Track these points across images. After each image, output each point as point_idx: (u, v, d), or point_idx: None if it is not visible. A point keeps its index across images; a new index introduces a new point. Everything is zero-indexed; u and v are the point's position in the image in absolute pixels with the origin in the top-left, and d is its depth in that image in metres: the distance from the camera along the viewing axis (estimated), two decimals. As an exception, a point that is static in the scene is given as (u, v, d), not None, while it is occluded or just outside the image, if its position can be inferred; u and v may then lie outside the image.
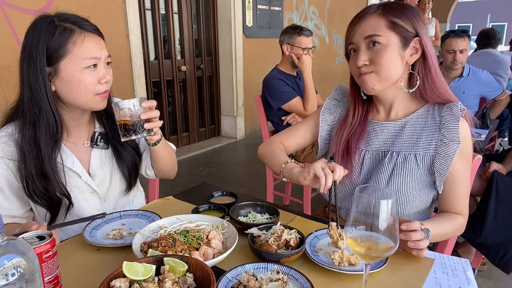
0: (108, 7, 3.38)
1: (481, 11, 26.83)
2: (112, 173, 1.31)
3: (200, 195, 1.40)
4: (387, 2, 1.13)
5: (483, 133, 2.36)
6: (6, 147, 1.13)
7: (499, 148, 4.00)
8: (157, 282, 0.75)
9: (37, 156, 1.11)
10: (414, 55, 1.12)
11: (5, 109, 1.20)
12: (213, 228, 1.04)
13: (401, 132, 1.18)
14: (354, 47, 1.13)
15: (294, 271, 0.87)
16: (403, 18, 1.08)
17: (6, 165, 1.13)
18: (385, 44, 1.07)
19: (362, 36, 1.09)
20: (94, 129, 1.29)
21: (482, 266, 2.30)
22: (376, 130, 1.22)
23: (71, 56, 1.08)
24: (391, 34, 1.08)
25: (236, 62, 5.01)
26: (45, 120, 1.11)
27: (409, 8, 1.11)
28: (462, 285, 0.88)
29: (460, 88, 3.01)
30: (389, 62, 1.08)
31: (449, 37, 2.90)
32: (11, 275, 0.59)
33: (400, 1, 1.13)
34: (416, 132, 1.16)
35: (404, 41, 1.09)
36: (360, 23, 1.11)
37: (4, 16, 2.80)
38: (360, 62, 1.10)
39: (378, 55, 1.08)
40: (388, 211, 0.71)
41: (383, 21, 1.08)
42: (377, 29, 1.08)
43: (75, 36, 1.08)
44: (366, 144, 1.23)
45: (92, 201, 1.27)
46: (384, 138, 1.21)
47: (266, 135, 2.79)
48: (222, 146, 5.05)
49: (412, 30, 1.09)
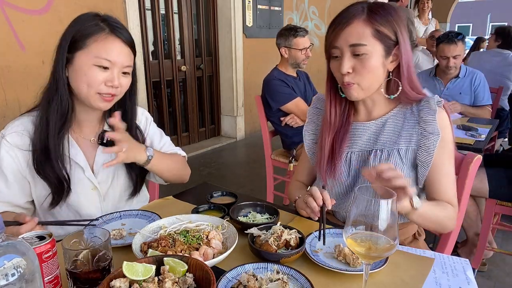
0: (108, 7, 3.38)
1: (481, 11, 26.84)
2: (115, 173, 1.32)
3: (200, 195, 1.40)
4: (373, 4, 1.10)
5: (483, 133, 2.36)
6: (18, 137, 1.17)
7: (499, 148, 4.00)
8: (157, 282, 0.75)
9: (44, 133, 1.16)
10: (394, 62, 1.13)
11: (5, 109, 1.21)
12: (213, 228, 1.04)
13: (382, 130, 1.20)
14: (337, 52, 1.12)
15: (294, 271, 0.87)
16: (388, 26, 1.08)
17: (15, 154, 1.17)
18: (370, 53, 1.08)
19: (348, 43, 1.08)
20: (103, 127, 1.31)
21: (482, 266, 2.30)
22: (358, 130, 1.24)
23: (87, 50, 1.12)
24: (376, 43, 1.08)
25: (236, 62, 5.01)
26: (59, 99, 1.16)
27: (393, 13, 1.10)
28: (462, 285, 0.88)
29: (456, 89, 3.01)
30: (372, 71, 1.10)
31: (442, 42, 2.89)
32: (11, 275, 0.59)
33: (385, 3, 1.13)
34: (397, 128, 1.19)
35: (387, 50, 1.10)
36: (346, 28, 1.09)
37: (4, 16, 2.80)
38: (344, 70, 1.10)
39: (362, 65, 1.09)
40: (388, 211, 0.71)
41: (369, 29, 1.07)
42: (363, 38, 1.07)
43: (100, 35, 1.13)
44: (350, 146, 1.24)
45: (91, 197, 1.28)
46: (367, 137, 1.22)
47: (266, 135, 2.79)
48: (222, 146, 5.05)
49: (394, 38, 1.10)
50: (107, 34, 1.14)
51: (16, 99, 2.88)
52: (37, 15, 2.97)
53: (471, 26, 27.71)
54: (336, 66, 1.14)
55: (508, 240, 2.64)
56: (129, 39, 1.18)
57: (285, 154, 2.82)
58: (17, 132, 1.18)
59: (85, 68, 1.13)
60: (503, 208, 2.06)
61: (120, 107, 1.27)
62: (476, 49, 5.20)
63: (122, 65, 1.16)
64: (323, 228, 1.04)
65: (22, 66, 2.91)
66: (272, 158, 2.83)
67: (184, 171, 1.46)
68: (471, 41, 6.52)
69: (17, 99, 2.89)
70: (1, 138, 1.18)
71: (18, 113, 1.29)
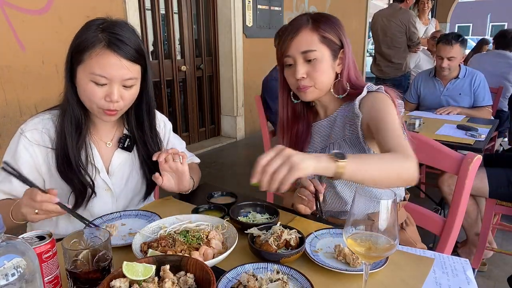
0: (108, 7, 3.38)
1: (481, 11, 26.83)
2: (130, 174, 1.33)
3: (200, 195, 1.41)
4: (315, 15, 1.23)
5: (483, 133, 2.36)
6: (38, 134, 1.19)
7: (499, 148, 4.00)
8: (157, 282, 0.75)
9: (64, 144, 1.18)
10: (341, 65, 1.25)
11: (5, 109, 1.21)
12: (213, 228, 1.04)
13: (334, 125, 1.30)
14: (290, 60, 1.23)
15: (294, 271, 0.87)
16: (331, 32, 1.21)
17: (33, 150, 1.18)
18: (320, 58, 1.20)
19: (299, 50, 1.20)
20: (122, 131, 1.32)
21: (482, 266, 2.30)
22: (316, 130, 1.36)
23: (83, 65, 1.11)
24: (323, 47, 1.20)
25: (236, 62, 5.01)
26: (71, 111, 1.17)
27: (335, 20, 1.24)
28: (462, 285, 0.88)
29: (456, 89, 3.01)
30: (324, 74, 1.22)
31: (440, 41, 2.91)
32: (11, 275, 0.59)
33: (326, 14, 1.26)
34: (344, 121, 1.28)
35: (334, 54, 1.22)
36: (295, 37, 1.20)
37: (4, 16, 2.80)
38: (299, 75, 1.20)
39: (315, 69, 1.20)
40: (388, 211, 0.71)
41: (315, 36, 1.19)
42: (312, 44, 1.19)
43: (95, 50, 1.08)
44: (312, 145, 1.35)
45: (105, 198, 1.29)
46: (323, 134, 1.34)
47: (266, 135, 2.79)
48: (222, 146, 5.05)
49: (339, 42, 1.23)
50: (102, 48, 1.08)
51: (16, 99, 2.88)
52: (37, 15, 2.97)
53: (471, 26, 27.70)
54: (290, 73, 1.25)
55: (508, 240, 2.64)
56: (129, 51, 1.11)
57: (285, 154, 2.81)
58: (37, 129, 1.19)
59: (83, 83, 1.11)
60: (503, 208, 2.06)
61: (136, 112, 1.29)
62: (478, 51, 5.18)
63: (121, 78, 1.11)
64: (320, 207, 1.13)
65: (22, 66, 2.91)
66: (272, 158, 2.83)
67: (198, 178, 1.50)
68: (471, 41, 6.51)
69: (17, 99, 2.88)
70: (20, 134, 1.18)
71: (18, 113, 1.30)
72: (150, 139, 1.33)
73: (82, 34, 1.11)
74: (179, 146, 1.48)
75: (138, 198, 1.39)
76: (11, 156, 1.18)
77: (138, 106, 1.27)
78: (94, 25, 1.12)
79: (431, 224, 1.40)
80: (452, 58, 2.87)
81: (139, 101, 1.25)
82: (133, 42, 1.13)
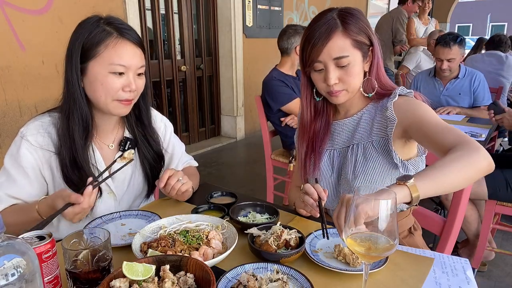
0: (108, 7, 3.38)
1: (481, 11, 26.84)
2: (132, 177, 1.33)
3: (199, 195, 1.40)
4: (343, 14, 1.14)
5: (483, 133, 2.36)
6: (41, 137, 1.18)
7: (499, 148, 4.00)
8: (157, 282, 0.75)
9: (71, 147, 1.17)
10: (369, 63, 1.21)
11: (5, 109, 1.20)
12: (212, 228, 1.04)
13: (358, 125, 1.25)
14: (320, 66, 1.16)
15: (294, 271, 0.87)
16: (362, 34, 1.15)
17: (36, 153, 1.17)
18: (352, 63, 1.15)
19: (331, 57, 1.13)
20: (123, 133, 1.32)
21: (482, 266, 2.30)
22: (337, 129, 1.30)
23: (99, 58, 1.11)
24: (355, 52, 1.15)
25: (236, 62, 5.01)
26: (79, 113, 1.16)
27: (362, 17, 1.17)
28: (462, 284, 0.88)
29: (456, 89, 3.01)
30: (356, 77, 1.17)
31: (439, 44, 2.89)
32: (11, 275, 0.59)
33: (352, 9, 1.18)
34: (370, 122, 1.23)
35: (364, 55, 1.18)
36: (327, 43, 1.12)
37: (4, 16, 2.80)
38: (332, 81, 1.15)
39: (347, 74, 1.15)
40: (388, 211, 0.71)
41: (348, 40, 1.13)
42: (344, 50, 1.13)
43: (110, 40, 1.11)
44: (332, 144, 1.31)
45: (107, 201, 1.29)
46: (346, 134, 1.29)
47: (266, 135, 2.79)
48: (222, 146, 5.05)
49: (369, 41, 1.17)
50: (116, 38, 1.12)
51: (16, 99, 2.88)
52: (37, 15, 2.97)
53: (471, 26, 27.70)
54: (320, 78, 1.19)
55: (508, 240, 2.64)
56: (137, 39, 1.17)
57: (285, 154, 2.82)
58: (40, 132, 1.18)
59: (101, 77, 1.12)
60: (503, 208, 2.06)
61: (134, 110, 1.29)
62: (477, 50, 5.20)
63: (136, 66, 1.16)
64: (324, 222, 1.04)
65: (22, 66, 2.91)
66: (272, 158, 2.83)
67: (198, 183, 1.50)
68: (472, 42, 6.53)
69: (17, 99, 2.88)
70: (21, 137, 1.17)
71: (18, 113, 1.29)
72: (150, 131, 1.34)
73: (85, 32, 1.11)
74: (178, 148, 1.50)
75: (140, 199, 1.40)
76: (14, 160, 1.16)
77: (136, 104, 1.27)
78: (92, 22, 1.13)
79: (431, 224, 1.40)
80: (451, 59, 2.87)
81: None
82: (135, 32, 1.19)
